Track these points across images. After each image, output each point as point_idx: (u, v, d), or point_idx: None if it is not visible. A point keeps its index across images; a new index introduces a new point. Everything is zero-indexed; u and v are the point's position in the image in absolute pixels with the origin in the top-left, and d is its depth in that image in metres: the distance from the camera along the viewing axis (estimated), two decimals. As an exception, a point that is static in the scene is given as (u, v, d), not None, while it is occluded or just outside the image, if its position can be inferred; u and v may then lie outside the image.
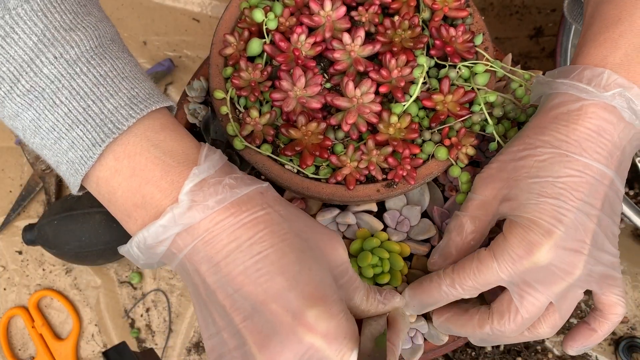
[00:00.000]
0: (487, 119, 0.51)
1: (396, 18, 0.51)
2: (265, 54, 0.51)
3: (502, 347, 0.72)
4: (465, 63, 0.51)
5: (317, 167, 0.50)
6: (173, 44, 0.80)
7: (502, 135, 0.52)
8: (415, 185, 0.49)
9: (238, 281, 0.37)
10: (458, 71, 0.51)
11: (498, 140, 0.51)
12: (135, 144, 0.39)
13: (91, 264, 0.72)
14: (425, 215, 0.56)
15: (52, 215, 0.68)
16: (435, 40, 0.50)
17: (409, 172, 0.48)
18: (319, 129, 0.48)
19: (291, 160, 0.50)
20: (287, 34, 0.50)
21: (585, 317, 0.47)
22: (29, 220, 0.75)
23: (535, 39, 0.80)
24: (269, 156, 0.49)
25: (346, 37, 0.49)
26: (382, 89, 0.49)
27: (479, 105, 0.51)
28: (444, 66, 0.52)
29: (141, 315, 0.73)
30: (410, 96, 0.50)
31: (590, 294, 0.45)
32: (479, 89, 0.51)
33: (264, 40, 0.51)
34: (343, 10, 0.50)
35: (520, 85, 0.52)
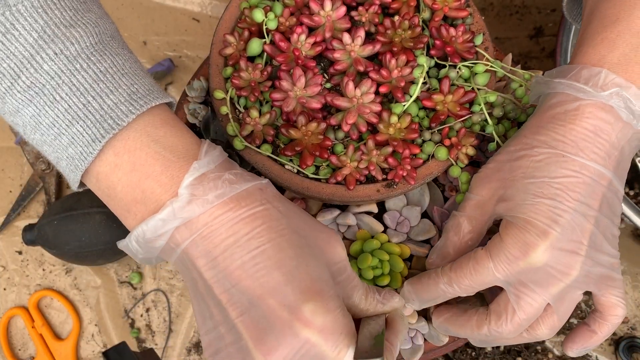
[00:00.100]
0: (487, 119, 0.51)
1: (396, 18, 0.51)
2: (265, 54, 0.51)
3: (502, 347, 0.72)
4: (466, 63, 0.51)
5: (317, 167, 0.50)
6: (173, 44, 0.80)
7: (502, 136, 0.52)
8: (415, 185, 0.49)
9: (235, 276, 0.37)
10: (458, 71, 0.51)
11: (497, 141, 0.51)
12: (136, 139, 0.39)
13: (91, 264, 0.72)
14: (425, 215, 0.56)
15: (52, 215, 0.68)
16: (435, 40, 0.50)
17: (409, 172, 0.48)
18: (319, 129, 0.48)
19: (291, 160, 0.50)
20: (287, 34, 0.50)
21: (585, 319, 0.47)
22: (29, 220, 0.75)
23: (535, 39, 0.80)
24: (269, 156, 0.49)
25: (346, 37, 0.49)
26: (382, 89, 0.49)
27: (479, 105, 0.51)
28: (444, 66, 0.52)
29: (141, 315, 0.73)
30: (410, 96, 0.50)
31: (590, 294, 0.45)
32: (479, 89, 0.51)
33: (264, 40, 0.51)
34: (343, 10, 0.50)
35: (521, 85, 0.52)
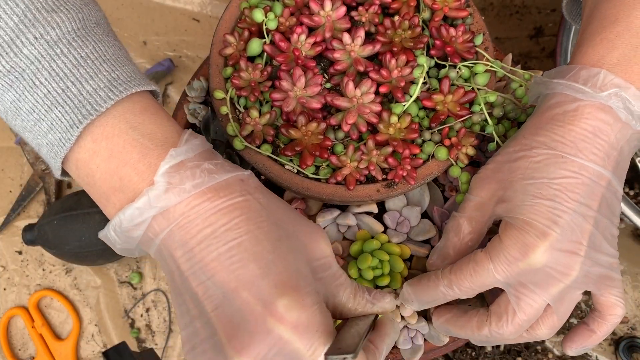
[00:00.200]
0: (487, 119, 0.51)
1: (396, 18, 0.51)
2: (265, 54, 0.51)
3: (502, 347, 0.72)
4: (465, 63, 0.51)
5: (317, 167, 0.50)
6: (173, 44, 0.80)
7: (502, 136, 0.52)
8: (415, 185, 0.49)
9: (211, 268, 0.36)
10: (458, 71, 0.51)
11: (497, 141, 0.51)
12: (114, 125, 0.38)
13: (91, 264, 0.72)
14: (425, 215, 0.56)
15: (52, 215, 0.68)
16: (435, 40, 0.50)
17: (409, 172, 0.48)
18: (319, 129, 0.48)
19: (291, 160, 0.50)
20: (287, 34, 0.50)
21: (584, 318, 0.47)
22: (29, 220, 0.75)
23: (535, 39, 0.80)
24: (269, 156, 0.49)
25: (346, 37, 0.49)
26: (382, 89, 0.49)
27: (479, 105, 0.51)
28: (444, 66, 0.52)
29: (141, 315, 0.73)
30: (410, 96, 0.50)
31: (590, 294, 0.45)
32: (479, 89, 0.51)
33: (264, 40, 0.51)
34: (343, 10, 0.50)
35: (521, 85, 0.52)
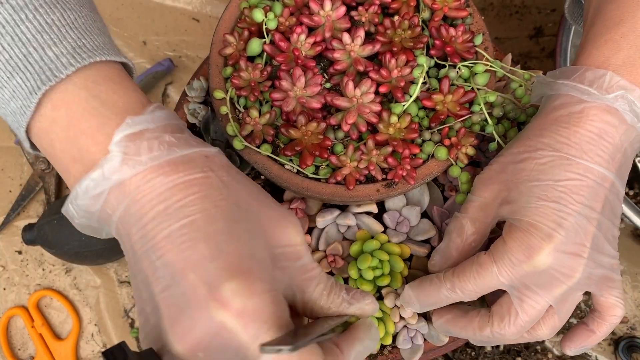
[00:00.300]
0: (487, 118, 0.51)
1: (396, 18, 0.51)
2: (265, 53, 0.51)
3: (502, 347, 0.72)
4: (465, 63, 0.51)
5: (317, 167, 0.50)
6: (173, 44, 0.80)
7: (502, 135, 0.52)
8: (415, 185, 0.49)
9: (161, 247, 0.34)
10: (458, 71, 0.51)
11: (498, 141, 0.51)
12: (73, 93, 0.37)
13: (91, 263, 0.72)
14: (425, 215, 0.56)
15: (52, 215, 0.68)
16: (435, 40, 0.50)
17: (409, 172, 0.48)
18: (319, 129, 0.48)
19: (291, 160, 0.50)
20: (287, 34, 0.50)
21: (584, 318, 0.47)
22: (28, 220, 0.75)
23: (535, 39, 0.80)
24: (268, 156, 0.49)
25: (346, 37, 0.49)
26: (382, 89, 0.49)
27: (479, 105, 0.51)
28: (444, 66, 0.52)
29: (141, 315, 0.73)
30: (410, 96, 0.50)
31: (589, 294, 0.45)
32: (478, 89, 0.51)
33: (264, 40, 0.51)
34: (343, 10, 0.50)
35: (520, 85, 0.52)
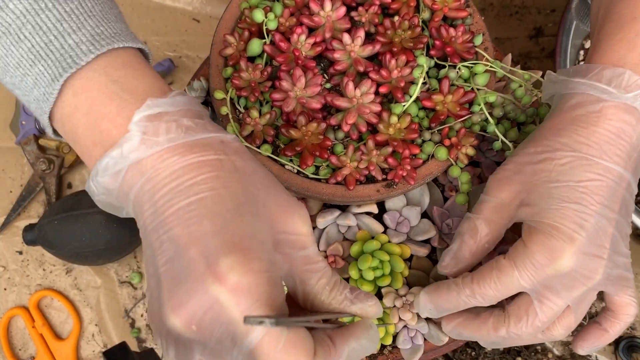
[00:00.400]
0: (488, 118, 0.51)
1: (396, 18, 0.51)
2: (265, 54, 0.51)
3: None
4: (465, 63, 0.51)
5: (317, 168, 0.50)
6: (173, 44, 0.80)
7: (502, 135, 0.52)
8: (415, 185, 0.49)
9: (169, 222, 0.35)
10: (458, 71, 0.51)
11: (502, 139, 0.51)
12: (94, 79, 0.38)
13: (91, 264, 0.72)
14: (425, 215, 0.56)
15: (53, 215, 0.68)
16: (435, 41, 0.50)
17: (409, 172, 0.48)
18: (319, 129, 0.48)
19: (291, 160, 0.50)
20: (287, 34, 0.50)
21: (596, 317, 0.47)
22: (29, 220, 0.75)
23: (535, 39, 0.80)
24: (269, 156, 0.49)
25: (346, 38, 0.49)
26: (382, 89, 0.49)
27: (479, 105, 0.51)
28: (444, 66, 0.52)
29: (141, 315, 0.73)
30: (410, 96, 0.50)
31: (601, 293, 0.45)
32: (478, 89, 0.51)
33: (264, 40, 0.51)
34: (343, 10, 0.50)
35: (520, 86, 0.52)
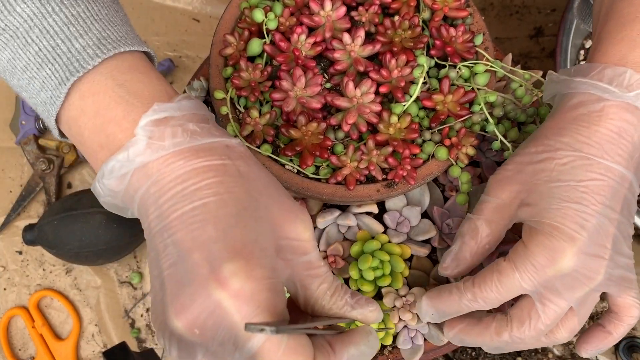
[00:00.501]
0: (488, 118, 0.51)
1: (396, 18, 0.51)
2: (265, 54, 0.51)
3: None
4: (465, 63, 0.51)
5: (317, 167, 0.50)
6: (173, 44, 0.80)
7: (503, 135, 0.52)
8: (415, 185, 0.49)
9: (173, 226, 0.35)
10: (458, 71, 0.51)
11: (501, 139, 0.51)
12: (100, 82, 0.38)
13: (91, 264, 0.72)
14: (426, 215, 0.56)
15: (52, 215, 0.68)
16: (435, 40, 0.50)
17: (409, 172, 0.48)
18: (319, 129, 0.48)
19: (291, 160, 0.50)
20: (287, 34, 0.50)
21: (599, 319, 0.46)
22: (29, 220, 0.75)
23: (535, 39, 0.80)
24: (269, 156, 0.49)
25: (346, 37, 0.49)
26: (382, 89, 0.49)
27: (479, 105, 0.51)
28: (444, 66, 0.52)
29: (141, 315, 0.73)
30: (410, 96, 0.50)
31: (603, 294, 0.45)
32: (479, 89, 0.51)
33: (264, 40, 0.51)
34: (343, 10, 0.50)
35: (521, 86, 0.52)
